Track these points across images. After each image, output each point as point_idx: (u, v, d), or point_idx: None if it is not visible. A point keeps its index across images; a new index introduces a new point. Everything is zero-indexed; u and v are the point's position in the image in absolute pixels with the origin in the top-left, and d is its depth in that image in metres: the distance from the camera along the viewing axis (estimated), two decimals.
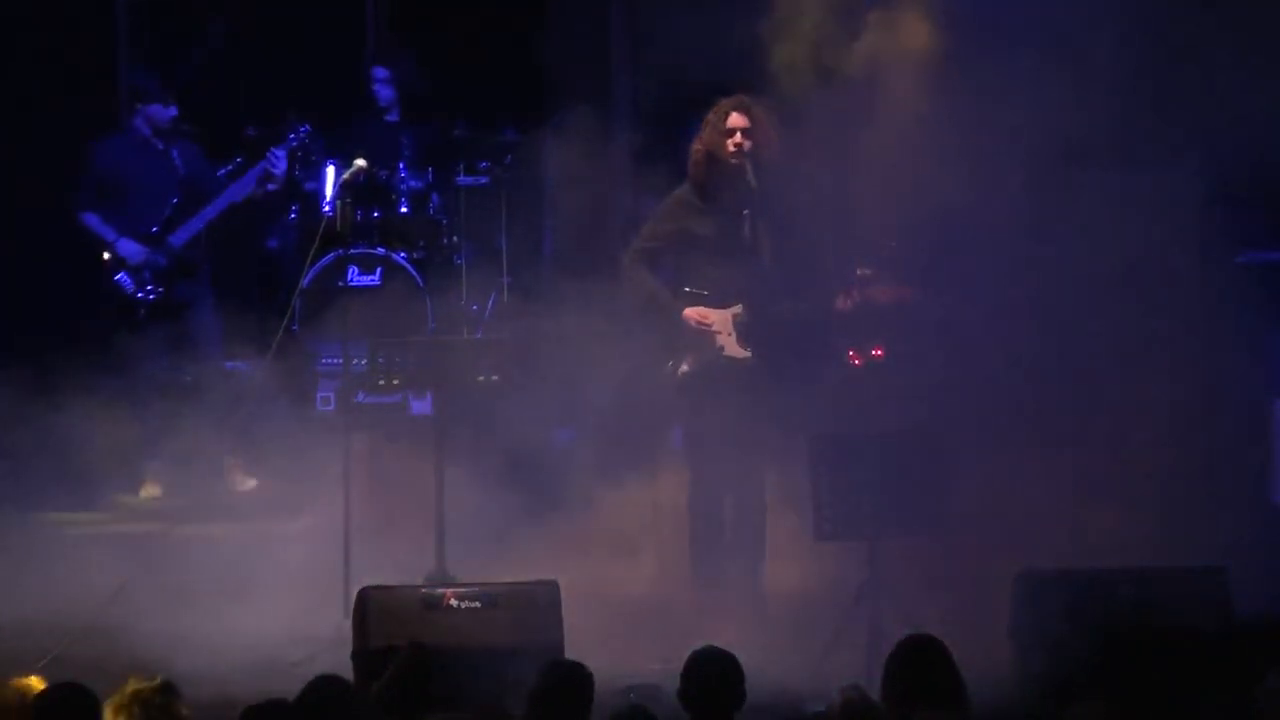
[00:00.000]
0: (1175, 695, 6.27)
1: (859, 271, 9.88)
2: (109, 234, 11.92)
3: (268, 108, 12.71)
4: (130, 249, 11.90)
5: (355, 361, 10.61)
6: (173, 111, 11.93)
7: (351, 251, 12.49)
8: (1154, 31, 10.11)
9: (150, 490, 11.77)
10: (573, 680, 6.82)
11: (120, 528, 11.31)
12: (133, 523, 11.39)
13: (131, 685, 6.35)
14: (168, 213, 11.96)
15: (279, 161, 11.90)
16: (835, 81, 9.96)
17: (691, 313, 9.89)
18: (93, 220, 11.98)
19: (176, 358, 11.84)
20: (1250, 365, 10.38)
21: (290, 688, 6.66)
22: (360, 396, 11.11)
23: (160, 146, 11.99)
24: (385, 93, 12.86)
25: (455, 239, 12.78)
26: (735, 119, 9.85)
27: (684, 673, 6.83)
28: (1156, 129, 10.13)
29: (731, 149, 9.83)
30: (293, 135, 12.01)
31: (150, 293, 11.93)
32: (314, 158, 12.35)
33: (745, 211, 9.89)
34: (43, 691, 6.42)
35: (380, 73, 12.88)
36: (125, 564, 10.29)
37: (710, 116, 9.97)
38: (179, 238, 11.96)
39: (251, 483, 11.80)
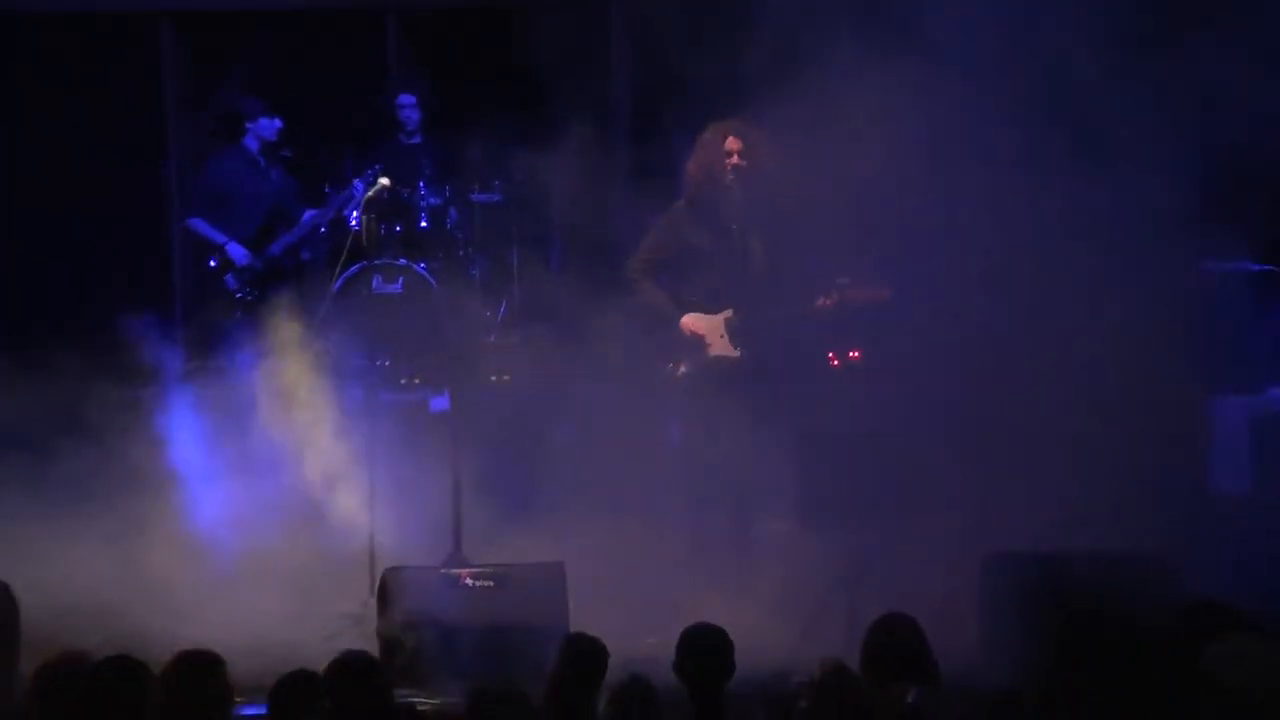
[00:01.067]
0: (1127, 670, 6.30)
1: (837, 280, 9.89)
2: (219, 238, 12.22)
3: (297, 132, 12.75)
4: (239, 252, 12.17)
5: (379, 362, 10.64)
6: (278, 123, 12.17)
7: (376, 262, 12.52)
8: (1124, 41, 10.11)
9: None
10: (591, 654, 6.82)
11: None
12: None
13: (177, 657, 6.38)
14: (262, 224, 12.16)
15: (358, 192, 12.15)
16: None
17: (687, 321, 9.95)
18: (201, 225, 12.24)
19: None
20: (1194, 365, 10.39)
21: (320, 660, 6.67)
22: (384, 394, 11.16)
23: (263, 164, 12.21)
24: (413, 116, 12.92)
25: (470, 251, 12.81)
26: (733, 142, 9.89)
27: (679, 646, 6.86)
28: (1118, 137, 10.13)
29: (730, 169, 9.88)
30: (370, 170, 12.20)
31: (249, 294, 12.13)
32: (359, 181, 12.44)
33: (734, 225, 9.94)
34: (97, 663, 6.42)
35: (408, 99, 12.93)
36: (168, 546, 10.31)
37: (706, 138, 9.99)
38: (277, 247, 12.17)
39: None
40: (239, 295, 12.15)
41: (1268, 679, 6.12)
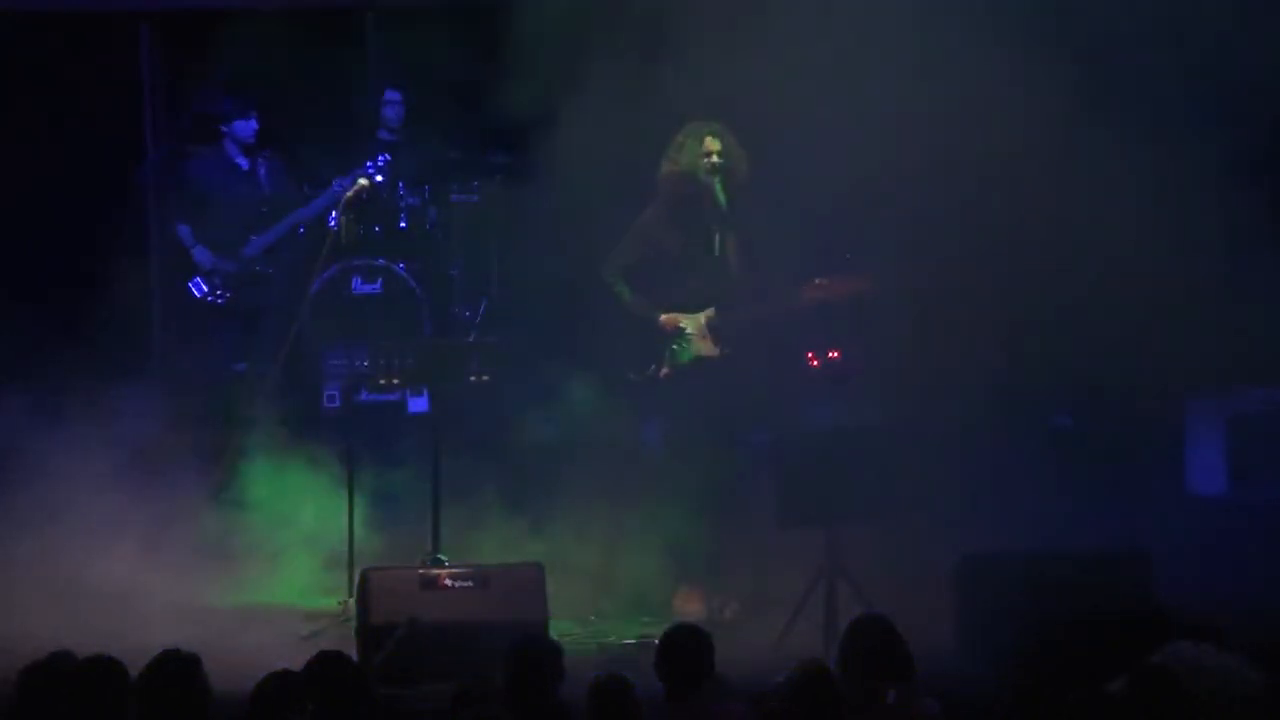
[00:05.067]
0: (1093, 669, 6.35)
1: (816, 280, 9.90)
2: (188, 241, 12.06)
3: (277, 132, 12.76)
4: (202, 255, 12.05)
5: (358, 362, 10.63)
6: (254, 124, 12.04)
7: (355, 262, 12.53)
8: (1105, 34, 10.13)
9: None
10: (540, 652, 6.83)
11: None
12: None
13: (158, 657, 6.38)
14: (243, 224, 12.07)
15: (339, 189, 12.06)
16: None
17: (667, 319, 9.95)
18: (183, 230, 12.12)
19: (240, 358, 11.94)
20: (1168, 367, 10.45)
21: (300, 660, 6.67)
22: (363, 394, 11.16)
23: (245, 166, 12.11)
24: (398, 112, 12.90)
25: (449, 251, 12.82)
26: (710, 142, 9.89)
27: (659, 646, 6.87)
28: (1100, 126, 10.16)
29: (708, 169, 9.88)
30: (370, 164, 12.10)
31: (219, 297, 12.04)
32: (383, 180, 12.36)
33: (712, 225, 9.95)
34: (77, 663, 6.43)
35: (393, 95, 12.92)
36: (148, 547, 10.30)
37: (681, 139, 9.97)
38: (251, 248, 12.07)
39: None
40: (209, 300, 12.06)
41: (1223, 689, 6.19)
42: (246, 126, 12.06)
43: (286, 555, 10.20)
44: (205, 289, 12.05)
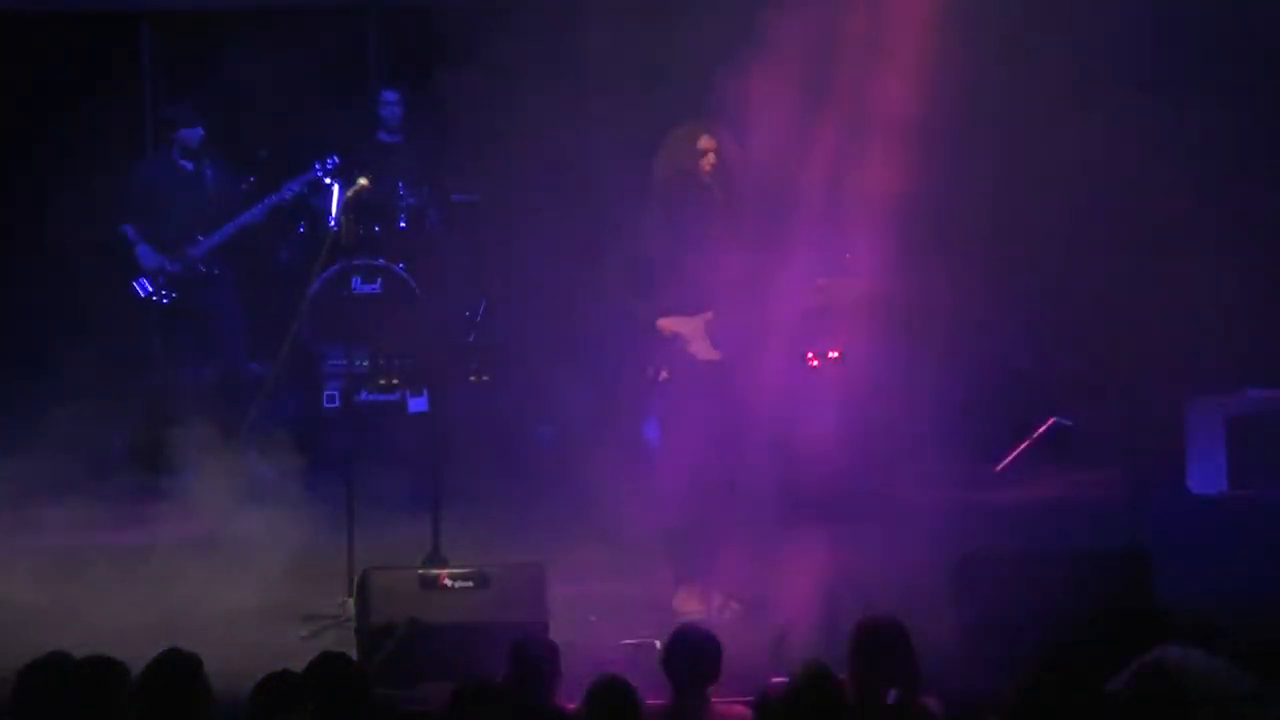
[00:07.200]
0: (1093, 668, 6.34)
1: (818, 281, 9.90)
2: (132, 239, 12.09)
3: (277, 131, 12.77)
4: (146, 254, 12.08)
5: (358, 363, 10.64)
6: (199, 132, 12.10)
7: (355, 263, 12.54)
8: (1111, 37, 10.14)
9: None
10: (540, 652, 6.84)
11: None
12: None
13: (157, 658, 6.38)
14: (190, 226, 12.08)
15: (288, 194, 12.11)
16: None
17: (665, 323, 9.93)
18: (128, 230, 12.16)
19: (198, 360, 11.96)
20: (1169, 366, 10.45)
21: (300, 660, 6.67)
22: (363, 395, 11.16)
23: (191, 168, 12.15)
24: (395, 113, 12.91)
25: (449, 251, 12.82)
26: (705, 141, 9.86)
27: (667, 645, 6.87)
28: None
29: (706, 169, 9.85)
30: (318, 166, 12.15)
31: (164, 297, 12.06)
32: (331, 182, 12.42)
33: (710, 226, 9.93)
34: (77, 662, 6.43)
35: (390, 95, 12.94)
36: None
37: (676, 138, 9.94)
38: (198, 249, 12.08)
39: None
40: (153, 299, 12.08)
41: (1210, 691, 6.20)
42: (193, 135, 12.16)
43: (276, 556, 10.20)
44: (150, 288, 12.09)
